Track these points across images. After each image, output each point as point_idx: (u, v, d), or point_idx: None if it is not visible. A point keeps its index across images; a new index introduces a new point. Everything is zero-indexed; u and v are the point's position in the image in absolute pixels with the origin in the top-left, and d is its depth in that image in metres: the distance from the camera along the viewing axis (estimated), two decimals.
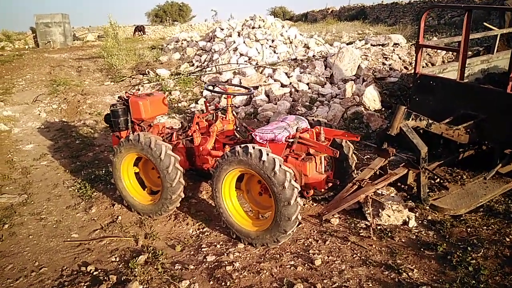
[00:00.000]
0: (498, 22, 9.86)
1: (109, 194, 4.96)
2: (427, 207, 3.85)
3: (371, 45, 12.12)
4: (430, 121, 3.78)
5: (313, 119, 4.24)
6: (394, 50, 10.73)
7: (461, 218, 3.86)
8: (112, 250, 3.88)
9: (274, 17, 15.03)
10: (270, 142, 3.81)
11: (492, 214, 3.91)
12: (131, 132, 4.72)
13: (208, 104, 4.92)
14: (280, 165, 3.36)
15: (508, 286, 2.95)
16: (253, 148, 3.45)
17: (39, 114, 8.70)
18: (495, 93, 4.04)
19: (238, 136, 4.49)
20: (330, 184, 3.93)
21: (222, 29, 14.37)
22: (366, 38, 14.82)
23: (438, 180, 4.45)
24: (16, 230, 4.31)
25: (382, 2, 30.59)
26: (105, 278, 3.39)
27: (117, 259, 3.71)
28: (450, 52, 10.09)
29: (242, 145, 3.53)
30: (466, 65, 5.04)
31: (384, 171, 3.79)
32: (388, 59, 10.19)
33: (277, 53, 12.01)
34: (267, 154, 3.39)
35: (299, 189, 3.42)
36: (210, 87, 4.41)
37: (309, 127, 3.99)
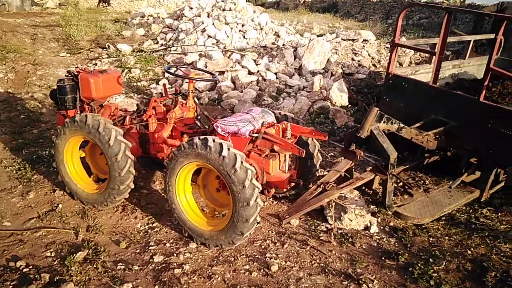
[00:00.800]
0: (472, 27, 9.99)
1: (51, 178, 4.49)
2: (391, 214, 3.70)
3: (342, 39, 11.97)
4: (401, 125, 3.60)
5: (279, 113, 3.98)
6: (363, 46, 10.65)
7: (423, 226, 3.75)
8: (48, 243, 3.46)
9: (246, 1, 14.58)
10: (233, 135, 3.51)
11: (453, 223, 3.82)
12: (78, 112, 4.25)
13: (168, 87, 4.52)
14: (242, 162, 3.08)
15: None
16: (213, 141, 3.14)
17: None
18: (468, 101, 3.93)
19: (198, 125, 4.15)
20: (293, 184, 3.69)
21: (191, 8, 13.79)
22: (336, 32, 14.68)
23: (401, 184, 4.34)
24: None
25: None
26: (36, 276, 3.00)
27: (53, 254, 3.31)
28: (418, 53, 10.12)
29: (202, 137, 3.20)
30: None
31: (350, 174, 3.59)
32: (357, 55, 10.08)
33: (246, 39, 11.62)
34: (228, 149, 3.09)
35: (260, 188, 3.15)
36: (172, 69, 4.02)
37: (275, 121, 3.72)
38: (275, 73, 8.65)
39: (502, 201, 4.20)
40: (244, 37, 11.73)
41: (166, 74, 8.65)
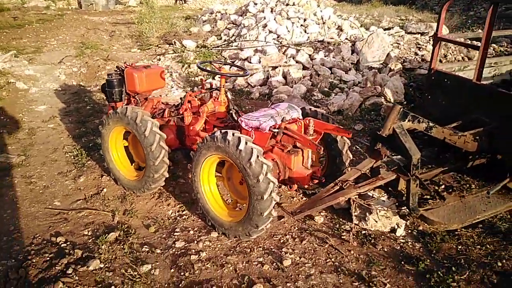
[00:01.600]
0: None
1: (101, 165, 4.90)
2: (417, 218, 3.53)
3: (408, 32, 11.40)
4: (431, 124, 3.40)
5: (310, 109, 3.97)
6: (430, 40, 10.03)
7: (455, 232, 3.53)
8: (88, 223, 3.83)
9: None
10: (255, 130, 3.58)
11: (491, 232, 3.54)
12: (125, 104, 4.60)
13: (205, 83, 4.70)
14: (258, 156, 3.14)
15: None
16: (233, 135, 3.23)
17: (59, 76, 8.78)
18: None
19: (230, 119, 4.28)
20: (316, 181, 3.68)
21: (256, 4, 13.95)
22: (406, 25, 13.99)
23: (438, 187, 4.12)
24: (4, 191, 4.35)
25: None
26: (70, 251, 3.34)
27: (89, 233, 3.66)
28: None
29: (223, 131, 3.32)
30: (493, 64, 4.57)
31: (375, 173, 3.48)
32: (421, 49, 9.56)
33: (307, 33, 11.51)
34: (246, 143, 3.17)
35: (276, 183, 3.20)
36: (203, 65, 4.19)
37: (300, 117, 3.72)
38: (330, 68, 8.51)
39: None
40: (305, 32, 11.63)
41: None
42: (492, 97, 3.77)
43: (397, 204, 3.53)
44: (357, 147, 5.30)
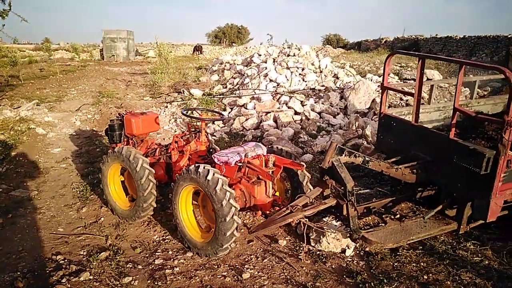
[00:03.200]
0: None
1: (102, 198, 5.62)
2: (359, 238, 4.07)
3: (402, 79, 12.20)
4: (367, 158, 4.03)
5: (277, 147, 4.66)
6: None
7: (397, 253, 4.05)
8: (84, 245, 4.48)
9: (327, 43, 15.52)
10: (225, 164, 4.27)
11: (429, 253, 4.05)
12: (124, 145, 5.37)
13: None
14: (223, 185, 3.80)
15: None
16: (203, 168, 3.93)
17: (75, 122, 9.77)
18: (440, 137, 4.21)
19: (209, 156, 4.99)
20: (277, 208, 4.30)
21: (260, 55, 15.07)
22: (401, 72, 14.85)
23: (394, 215, 4.66)
24: (17, 220, 5.07)
25: (436, 35, 30.03)
26: (67, 266, 3.99)
27: (84, 253, 4.30)
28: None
29: (196, 165, 4.02)
30: (441, 108, 5.22)
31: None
32: (406, 95, 10.24)
33: (305, 81, 12.41)
34: (213, 174, 3.85)
35: (238, 208, 3.83)
36: (187, 112, 4.97)
37: (264, 154, 4.40)
38: (319, 113, 9.27)
39: (488, 236, 4.30)
40: (303, 80, 12.54)
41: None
42: (425, 136, 4.39)
43: (344, 227, 4.09)
44: None
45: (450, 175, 4.04)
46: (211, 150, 4.98)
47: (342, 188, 3.80)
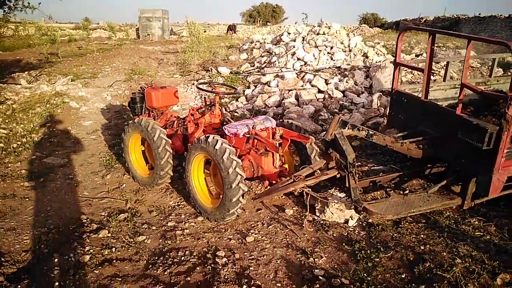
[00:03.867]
0: None
1: (125, 166, 5.97)
2: (360, 209, 4.19)
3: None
4: (371, 132, 4.10)
5: (287, 121, 4.80)
6: (443, 66, 10.46)
7: (400, 225, 4.15)
8: (106, 207, 4.85)
9: (365, 23, 15.26)
10: (235, 136, 4.47)
11: (431, 226, 4.13)
12: (145, 117, 5.67)
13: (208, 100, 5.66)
14: (230, 154, 4.01)
15: (392, 283, 3.28)
16: (213, 138, 4.14)
17: (106, 97, 10.23)
18: (447, 113, 4.20)
19: (222, 128, 5.19)
20: (284, 178, 4.47)
21: (289, 33, 15.01)
22: (435, 52, 14.38)
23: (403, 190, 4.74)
24: (47, 184, 5.51)
25: (479, 14, 28.62)
26: (88, 225, 4.36)
27: (105, 214, 4.67)
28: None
29: (206, 135, 4.24)
30: (457, 86, 5.17)
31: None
32: (435, 74, 10.03)
33: (334, 60, 12.32)
34: (221, 144, 4.06)
35: (244, 176, 4.04)
36: (201, 86, 5.18)
37: (273, 127, 4.56)
38: (343, 91, 9.26)
39: (495, 213, 4.30)
40: (331, 59, 12.44)
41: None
42: (433, 112, 4.39)
43: (347, 198, 4.22)
44: None
45: (455, 151, 4.06)
46: (224, 122, 5.18)
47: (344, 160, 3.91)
